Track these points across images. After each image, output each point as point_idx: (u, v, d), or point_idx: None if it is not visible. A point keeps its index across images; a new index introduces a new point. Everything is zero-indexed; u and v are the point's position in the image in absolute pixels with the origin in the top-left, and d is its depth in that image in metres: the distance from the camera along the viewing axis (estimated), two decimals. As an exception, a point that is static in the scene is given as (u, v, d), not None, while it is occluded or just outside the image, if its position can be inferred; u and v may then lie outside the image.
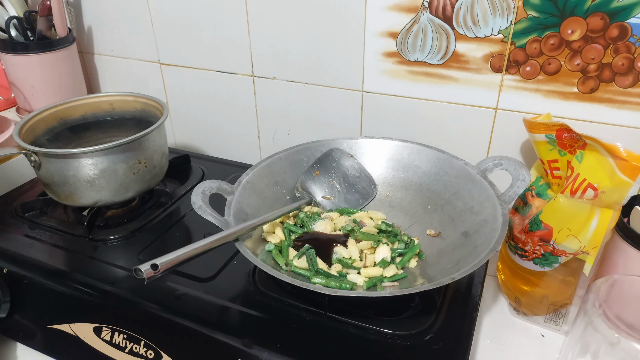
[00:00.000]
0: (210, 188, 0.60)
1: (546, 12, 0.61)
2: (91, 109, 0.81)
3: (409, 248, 0.61)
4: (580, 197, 0.55)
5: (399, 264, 0.59)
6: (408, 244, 0.62)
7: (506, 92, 0.68)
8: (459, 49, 0.68)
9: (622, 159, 0.52)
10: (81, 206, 0.72)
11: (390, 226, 0.64)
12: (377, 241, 0.60)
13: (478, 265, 0.50)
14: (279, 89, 0.84)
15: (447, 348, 0.50)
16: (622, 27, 0.58)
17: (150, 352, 0.56)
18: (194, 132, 0.99)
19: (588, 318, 0.48)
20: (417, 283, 0.57)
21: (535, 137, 0.61)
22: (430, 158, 0.69)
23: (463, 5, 0.65)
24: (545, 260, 0.59)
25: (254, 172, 0.66)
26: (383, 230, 0.63)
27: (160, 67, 0.93)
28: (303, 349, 0.50)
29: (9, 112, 1.06)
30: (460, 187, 0.65)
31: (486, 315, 0.68)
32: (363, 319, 0.53)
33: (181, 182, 0.83)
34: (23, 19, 0.90)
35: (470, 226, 0.60)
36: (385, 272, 0.57)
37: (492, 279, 0.73)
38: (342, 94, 0.79)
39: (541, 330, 0.66)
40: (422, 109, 0.74)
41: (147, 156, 0.71)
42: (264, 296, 0.57)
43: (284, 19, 0.77)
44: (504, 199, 0.58)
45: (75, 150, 0.65)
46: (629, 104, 0.62)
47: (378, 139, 0.73)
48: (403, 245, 0.62)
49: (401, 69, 0.73)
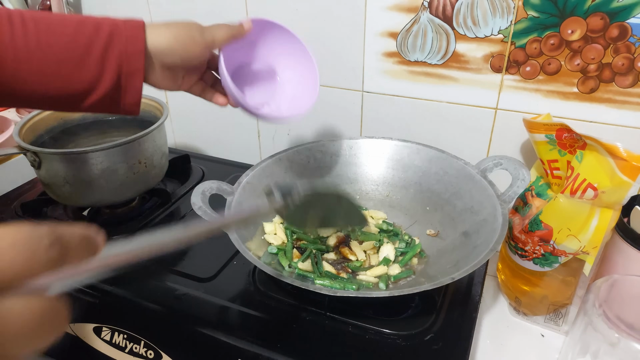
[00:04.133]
0: (210, 189, 0.60)
1: (546, 12, 0.61)
2: (91, 109, 0.81)
3: (410, 247, 0.61)
4: (580, 197, 0.55)
5: (401, 262, 0.59)
6: (409, 244, 0.62)
7: (506, 92, 0.68)
8: (459, 49, 0.68)
9: (622, 159, 0.52)
10: (81, 206, 0.72)
11: (391, 225, 0.64)
12: (378, 240, 0.60)
13: (478, 265, 0.50)
14: (279, 89, 0.84)
15: (447, 348, 0.50)
16: (622, 27, 0.58)
17: (150, 352, 0.56)
18: (194, 132, 0.99)
19: (588, 318, 0.48)
20: (417, 283, 0.57)
21: (535, 137, 0.61)
22: (430, 158, 0.69)
23: (463, 5, 0.65)
24: (545, 260, 0.59)
25: (254, 172, 0.66)
26: (384, 230, 0.63)
27: (160, 67, 0.93)
28: (303, 349, 0.50)
29: (9, 112, 1.06)
30: (460, 187, 0.65)
31: (486, 315, 0.68)
32: (363, 319, 0.53)
33: (181, 182, 0.83)
34: (23, 19, 0.90)
35: (470, 226, 0.60)
36: (390, 270, 0.57)
37: (492, 279, 0.73)
38: (342, 94, 0.79)
39: (541, 330, 0.66)
40: (422, 109, 0.74)
41: (147, 156, 0.71)
42: (264, 296, 0.57)
43: (284, 19, 0.77)
44: (504, 199, 0.58)
45: (75, 150, 0.65)
46: (629, 104, 0.62)
47: (378, 138, 0.73)
48: (404, 244, 0.62)
49: (401, 69, 0.73)
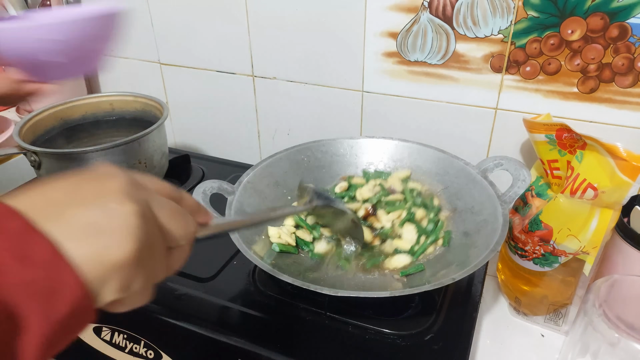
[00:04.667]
0: (211, 188, 0.60)
1: (546, 12, 0.61)
2: (91, 109, 0.81)
3: (434, 230, 0.62)
4: (580, 197, 0.55)
5: (424, 245, 0.60)
6: (436, 225, 0.62)
7: (506, 92, 0.68)
8: (459, 49, 0.68)
9: (622, 159, 0.52)
10: (81, 206, 0.72)
11: (420, 194, 0.66)
12: (407, 211, 0.63)
13: (479, 265, 0.50)
14: (279, 89, 0.84)
15: (447, 348, 0.50)
16: (622, 27, 0.58)
17: (150, 352, 0.56)
18: (194, 132, 0.99)
19: (588, 318, 0.48)
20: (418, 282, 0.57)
21: (535, 137, 0.61)
22: (431, 158, 0.69)
23: (463, 5, 0.65)
24: (545, 260, 0.59)
25: (254, 172, 0.66)
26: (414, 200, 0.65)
27: (160, 67, 0.93)
28: (303, 349, 0.50)
29: (9, 112, 1.06)
30: (460, 187, 0.65)
31: (486, 315, 0.68)
32: (363, 319, 0.53)
33: (181, 182, 0.83)
34: (23, 18, 0.90)
35: (470, 226, 0.60)
36: (404, 260, 0.59)
37: (492, 279, 0.73)
38: (342, 94, 0.79)
39: (541, 330, 0.66)
40: (422, 109, 0.74)
41: (147, 156, 0.71)
42: (264, 296, 0.57)
43: (284, 19, 0.77)
44: (504, 199, 0.58)
45: (75, 150, 0.65)
46: (629, 104, 0.62)
47: (378, 138, 0.73)
48: (432, 225, 0.62)
49: (401, 69, 0.73)
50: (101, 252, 0.24)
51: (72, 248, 0.24)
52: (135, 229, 0.26)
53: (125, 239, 0.25)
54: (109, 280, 0.25)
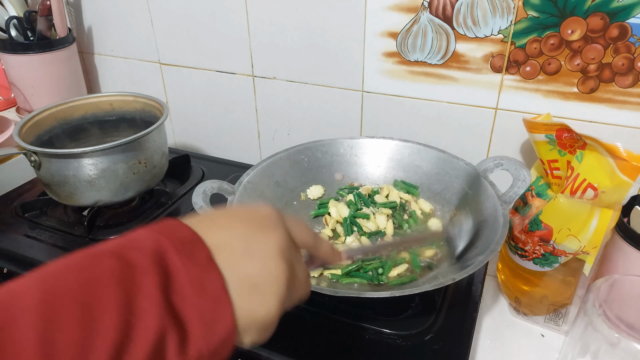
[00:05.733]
0: (212, 188, 0.60)
1: (546, 12, 0.61)
2: (91, 109, 0.81)
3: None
4: (580, 197, 0.55)
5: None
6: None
7: (506, 92, 0.68)
8: (459, 49, 0.68)
9: (622, 159, 0.52)
10: (81, 206, 0.72)
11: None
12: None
13: (479, 265, 0.50)
14: (279, 89, 0.84)
15: (447, 348, 0.50)
16: (622, 27, 0.58)
17: (150, 352, 0.55)
18: (194, 132, 0.99)
19: (588, 318, 0.48)
20: (418, 283, 0.57)
21: (535, 137, 0.61)
22: (431, 158, 0.69)
23: (463, 5, 0.65)
24: (545, 260, 0.59)
25: (254, 172, 0.66)
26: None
27: (160, 67, 0.93)
28: (303, 349, 0.50)
29: (9, 112, 1.06)
30: (460, 187, 0.65)
31: (486, 315, 0.68)
32: (363, 319, 0.53)
33: (181, 182, 0.83)
34: (23, 19, 0.90)
35: (470, 226, 0.60)
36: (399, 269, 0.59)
37: (492, 279, 0.72)
38: (342, 94, 0.79)
39: (541, 330, 0.66)
40: (422, 109, 0.74)
41: (147, 156, 0.71)
42: (264, 296, 0.57)
43: (284, 19, 0.77)
44: (504, 200, 0.58)
45: (75, 150, 0.65)
46: (629, 104, 0.62)
47: (378, 138, 0.73)
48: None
49: (401, 69, 0.73)
50: (252, 308, 0.30)
51: (233, 291, 0.29)
52: (282, 293, 0.31)
53: (273, 301, 0.31)
54: (250, 329, 0.31)
